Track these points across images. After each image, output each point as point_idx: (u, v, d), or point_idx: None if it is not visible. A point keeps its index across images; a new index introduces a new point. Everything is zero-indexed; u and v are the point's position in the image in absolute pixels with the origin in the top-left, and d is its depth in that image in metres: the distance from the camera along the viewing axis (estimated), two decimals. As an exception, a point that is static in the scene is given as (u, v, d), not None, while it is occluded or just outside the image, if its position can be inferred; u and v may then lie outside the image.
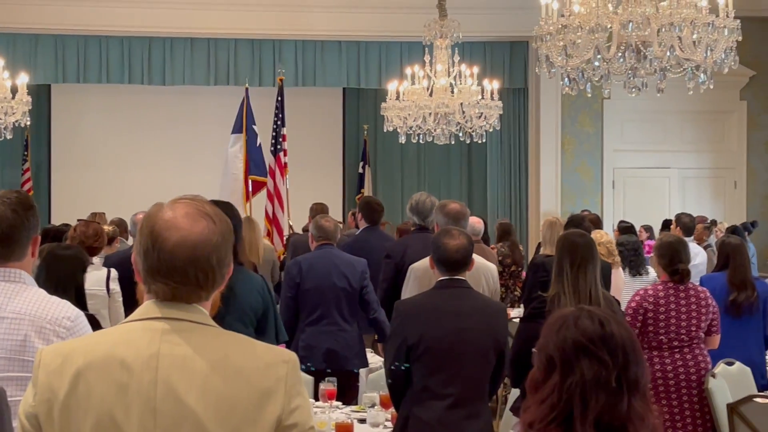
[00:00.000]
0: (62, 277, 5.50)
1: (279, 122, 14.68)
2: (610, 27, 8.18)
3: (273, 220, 13.90)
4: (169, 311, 2.59)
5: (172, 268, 2.56)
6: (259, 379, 2.55)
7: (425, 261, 6.64)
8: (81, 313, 3.86)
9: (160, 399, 2.51)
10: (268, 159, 14.51)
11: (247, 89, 14.70)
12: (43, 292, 3.94)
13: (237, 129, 14.51)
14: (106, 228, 9.32)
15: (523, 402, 2.72)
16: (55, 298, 3.93)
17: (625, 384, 2.58)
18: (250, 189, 14.15)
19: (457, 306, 5.58)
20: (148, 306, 2.62)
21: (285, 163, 14.43)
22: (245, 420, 2.51)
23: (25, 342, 3.61)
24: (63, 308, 3.83)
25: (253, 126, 14.44)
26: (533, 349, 2.73)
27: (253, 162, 14.33)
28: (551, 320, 2.73)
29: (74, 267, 5.61)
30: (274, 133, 14.65)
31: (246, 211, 13.28)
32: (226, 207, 4.79)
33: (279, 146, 14.51)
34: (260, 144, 14.52)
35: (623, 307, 7.36)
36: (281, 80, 15.03)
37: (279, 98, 14.86)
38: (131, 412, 2.50)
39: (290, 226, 14.04)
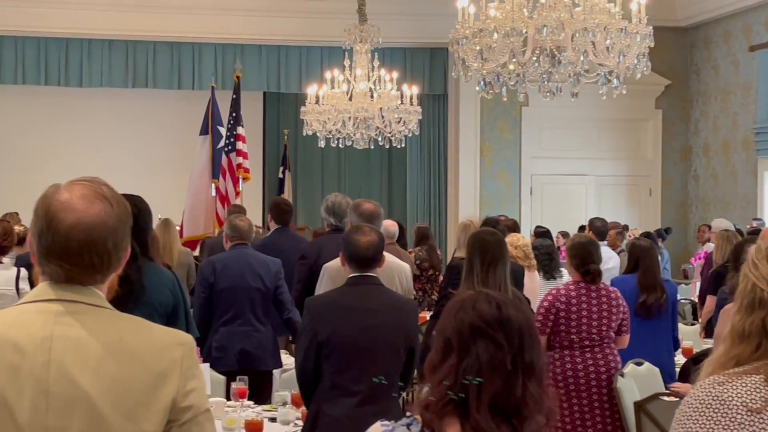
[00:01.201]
0: None
1: (233, 122, 14.26)
2: (525, 31, 8.25)
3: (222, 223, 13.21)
4: (63, 293, 2.55)
5: (67, 250, 2.53)
6: (154, 361, 2.53)
7: (338, 260, 6.66)
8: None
9: (53, 381, 2.48)
10: (224, 160, 14.09)
11: (213, 88, 14.50)
12: None
13: (203, 131, 14.33)
14: (17, 228, 9.21)
15: (420, 384, 2.73)
16: None
17: (520, 367, 2.59)
18: (214, 194, 13.82)
19: (367, 302, 5.58)
20: (42, 288, 2.58)
21: (239, 165, 14.00)
22: (140, 402, 2.49)
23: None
24: None
25: (219, 127, 14.14)
26: (432, 332, 2.74)
27: (215, 165, 14.03)
28: (450, 304, 2.74)
29: None
30: (228, 133, 14.19)
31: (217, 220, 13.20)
32: (136, 199, 4.76)
33: (231, 147, 14.09)
34: (222, 146, 14.16)
35: (536, 308, 7.43)
36: (238, 77, 14.62)
37: (234, 96, 14.47)
38: (23, 394, 2.47)
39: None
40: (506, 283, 6.19)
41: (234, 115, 14.23)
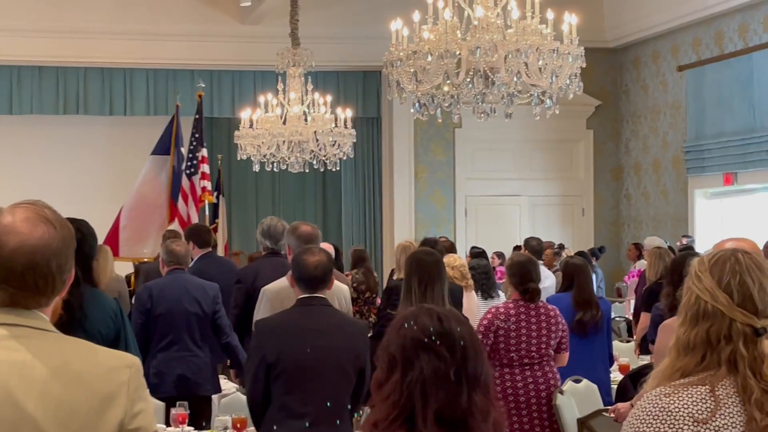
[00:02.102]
0: None
1: (195, 143, 13.65)
2: (459, 53, 8.31)
3: None
4: (7, 317, 2.53)
5: (10, 273, 2.51)
6: (101, 384, 2.51)
7: (278, 283, 6.63)
8: None
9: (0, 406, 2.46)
10: (185, 183, 13.35)
11: (178, 107, 13.93)
12: None
13: (160, 150, 13.60)
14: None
15: (368, 402, 2.73)
16: None
17: (464, 378, 2.59)
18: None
19: (316, 323, 5.57)
20: None
21: (204, 188, 13.38)
22: (86, 425, 2.47)
23: None
24: None
25: (181, 148, 13.50)
26: (378, 351, 2.74)
27: (174, 187, 13.39)
28: (394, 321, 2.75)
29: None
30: (190, 155, 13.53)
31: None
32: (81, 224, 4.71)
33: (194, 169, 13.44)
34: (183, 168, 13.56)
35: (475, 326, 7.45)
36: (200, 96, 14.21)
37: (197, 116, 13.97)
38: None
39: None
40: (444, 302, 6.23)
41: (197, 136, 13.70)
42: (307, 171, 14.11)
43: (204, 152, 13.56)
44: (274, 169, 13.69)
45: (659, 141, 16.64)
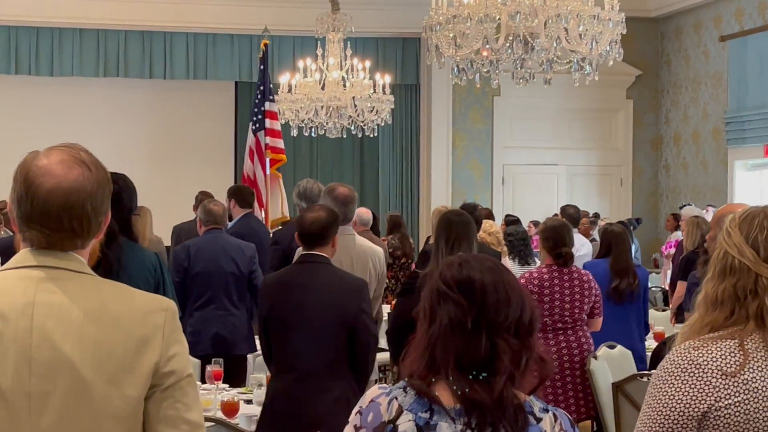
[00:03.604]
0: None
1: (261, 96, 12.90)
2: (499, 18, 8.27)
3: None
4: (44, 259, 2.56)
5: (46, 215, 2.53)
6: (137, 326, 2.54)
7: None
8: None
9: (36, 347, 2.48)
10: (250, 139, 12.83)
11: (265, 45, 13.35)
12: None
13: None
14: (-6, 212, 9.17)
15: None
16: None
17: (483, 326, 2.60)
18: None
19: (308, 280, 5.60)
20: (23, 254, 2.59)
21: (267, 145, 12.63)
22: (122, 367, 2.50)
23: None
24: None
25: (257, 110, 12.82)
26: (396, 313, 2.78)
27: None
28: (429, 274, 2.78)
29: None
30: (255, 109, 12.97)
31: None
32: (118, 176, 4.70)
33: (260, 125, 12.72)
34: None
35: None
36: (266, 44, 13.37)
37: (262, 67, 13.19)
38: (6, 360, 2.48)
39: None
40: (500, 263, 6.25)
41: (262, 88, 12.91)
42: (344, 137, 14.12)
43: (269, 106, 12.80)
44: (312, 135, 13.71)
45: (699, 112, 16.52)
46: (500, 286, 2.65)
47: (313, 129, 13.33)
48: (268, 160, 12.60)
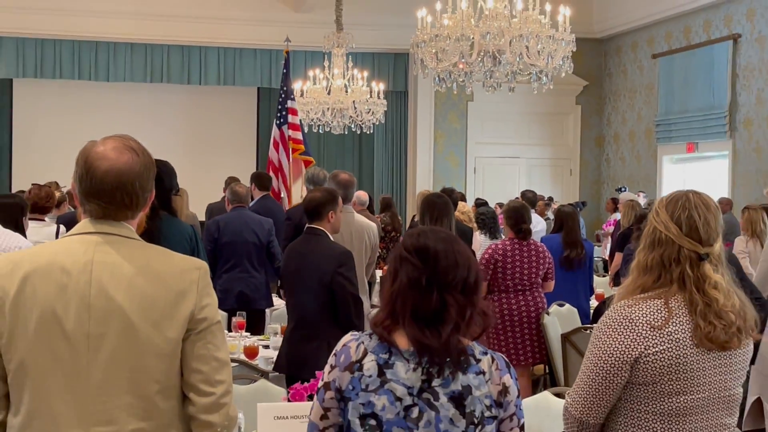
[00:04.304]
0: (7, 220, 5.35)
1: (284, 95, 12.75)
2: (472, 37, 8.27)
3: (276, 195, 11.71)
4: (101, 227, 2.58)
5: (102, 191, 2.55)
6: (176, 281, 2.55)
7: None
8: (30, 244, 3.82)
9: (94, 297, 2.50)
10: (275, 132, 12.67)
11: (287, 53, 13.08)
12: (1, 227, 3.90)
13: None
14: (57, 193, 9.15)
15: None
16: (10, 232, 3.89)
17: (435, 283, 2.60)
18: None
19: (305, 248, 5.63)
20: (83, 223, 2.61)
21: (289, 137, 12.43)
22: (164, 314, 2.51)
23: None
24: (15, 239, 3.81)
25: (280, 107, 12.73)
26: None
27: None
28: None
29: (15, 211, 5.47)
30: (279, 106, 12.77)
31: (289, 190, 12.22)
32: (159, 162, 4.68)
33: (283, 119, 12.55)
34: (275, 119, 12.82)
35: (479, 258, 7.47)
36: (287, 52, 13.09)
37: (285, 70, 12.96)
38: (70, 307, 2.49)
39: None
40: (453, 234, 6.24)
41: (285, 89, 12.74)
42: (346, 133, 14.12)
43: (291, 104, 12.65)
44: (320, 131, 13.69)
45: (635, 115, 16.53)
46: (450, 252, 2.64)
47: (320, 126, 13.32)
48: (293, 150, 12.47)
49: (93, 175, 2.56)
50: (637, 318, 2.92)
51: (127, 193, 2.57)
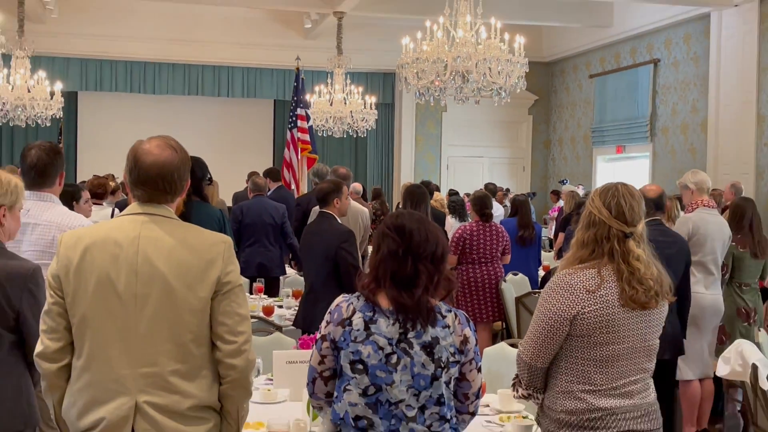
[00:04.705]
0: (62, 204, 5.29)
1: (294, 104, 12.94)
2: (446, 60, 8.22)
3: (287, 185, 11.94)
4: (146, 209, 2.58)
5: (148, 180, 2.55)
6: (206, 252, 2.54)
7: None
8: (90, 222, 3.80)
9: (140, 264, 2.50)
10: (287, 134, 12.93)
11: (298, 69, 13.28)
12: (65, 208, 3.87)
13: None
14: (112, 183, 9.11)
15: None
16: (75, 213, 3.87)
17: (409, 254, 2.60)
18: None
19: (315, 228, 5.62)
20: (133, 206, 2.61)
21: (298, 139, 12.70)
22: (196, 278, 2.51)
23: (53, 241, 3.54)
24: (78, 219, 3.78)
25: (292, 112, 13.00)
26: None
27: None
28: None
29: (68, 198, 5.40)
30: (290, 113, 13.02)
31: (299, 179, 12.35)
32: (195, 158, 4.65)
33: (293, 123, 12.83)
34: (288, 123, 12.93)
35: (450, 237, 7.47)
36: (298, 68, 13.25)
37: (295, 84, 13.12)
38: (121, 273, 2.49)
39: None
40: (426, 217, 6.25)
41: (295, 98, 12.98)
42: (345, 137, 14.03)
43: (300, 111, 12.82)
44: (324, 135, 13.63)
45: (575, 124, 16.53)
46: (422, 230, 2.65)
47: (324, 131, 13.26)
48: (302, 150, 12.75)
49: (140, 168, 2.55)
50: (576, 283, 2.92)
51: (168, 182, 2.56)
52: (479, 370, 2.70)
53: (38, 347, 2.56)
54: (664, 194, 5.47)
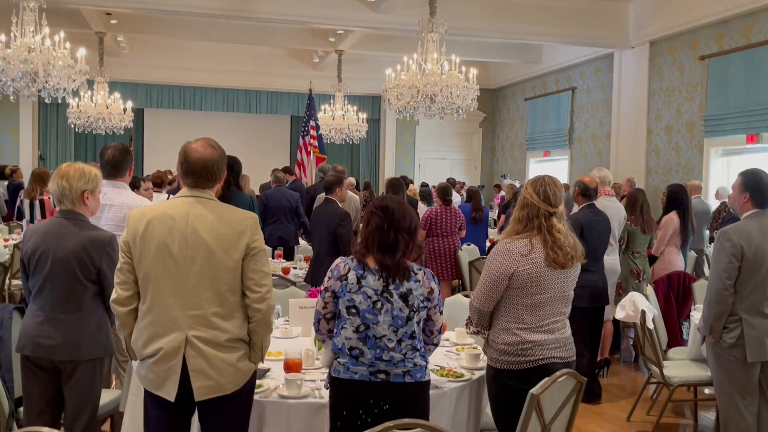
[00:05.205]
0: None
1: (307, 117, 12.88)
2: (419, 86, 8.17)
3: (299, 179, 11.98)
4: (193, 192, 2.54)
5: (194, 171, 2.52)
6: (238, 225, 2.51)
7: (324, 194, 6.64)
8: (150, 203, 3.76)
9: (189, 234, 2.46)
10: (300, 141, 12.95)
11: (310, 90, 13.33)
12: (134, 193, 3.83)
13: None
14: (169, 176, 9.02)
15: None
16: (139, 196, 3.82)
17: (392, 228, 2.59)
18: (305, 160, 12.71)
19: (321, 210, 5.60)
20: (183, 191, 2.57)
21: (309, 143, 12.66)
22: (231, 245, 2.48)
23: (124, 218, 3.50)
24: (143, 201, 3.74)
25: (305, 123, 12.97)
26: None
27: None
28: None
29: (131, 184, 5.31)
30: (304, 124, 12.97)
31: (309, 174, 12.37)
32: (232, 157, 4.60)
33: (305, 132, 12.83)
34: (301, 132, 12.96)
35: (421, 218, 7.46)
36: (310, 90, 13.40)
37: (308, 101, 13.13)
38: (174, 240, 2.46)
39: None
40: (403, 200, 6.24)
41: (308, 113, 12.96)
42: (343, 143, 14.03)
43: (312, 123, 12.83)
44: (327, 142, 13.55)
45: (513, 135, 16.48)
46: (401, 209, 2.63)
47: (327, 139, 13.18)
48: (312, 152, 12.77)
49: (189, 162, 2.51)
50: (513, 249, 2.92)
51: (209, 173, 2.53)
52: (441, 313, 2.69)
53: (113, 295, 2.54)
54: (598, 185, 5.52)
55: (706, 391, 5.24)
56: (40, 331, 2.97)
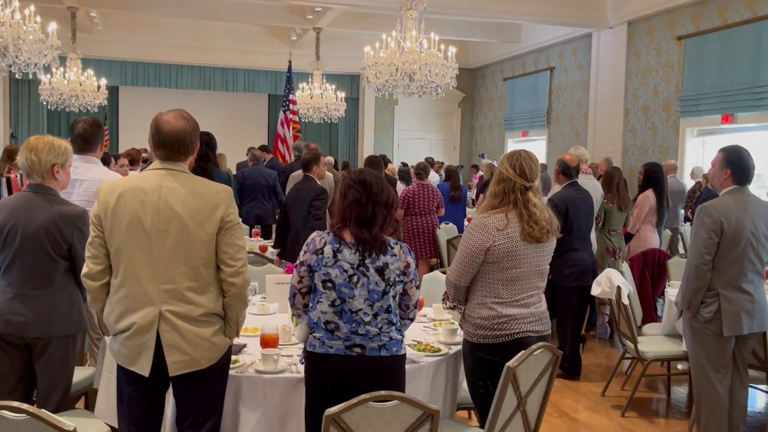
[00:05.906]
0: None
1: (287, 90, 12.71)
2: (397, 64, 8.10)
3: (282, 157, 12.09)
4: (165, 165, 2.50)
5: (166, 143, 2.47)
6: (212, 198, 2.48)
7: (300, 171, 6.59)
8: (120, 177, 3.70)
9: (162, 207, 2.42)
10: (281, 115, 12.78)
11: (290, 62, 13.10)
12: (105, 168, 3.76)
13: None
14: (144, 154, 8.89)
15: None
16: (111, 171, 3.76)
17: (370, 201, 2.57)
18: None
19: (299, 186, 5.58)
20: (155, 163, 2.52)
21: (290, 119, 12.53)
22: (204, 218, 2.45)
23: (96, 192, 3.42)
24: (115, 176, 3.68)
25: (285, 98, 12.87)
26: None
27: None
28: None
29: (102, 159, 5.23)
30: (284, 98, 12.84)
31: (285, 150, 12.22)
32: (207, 133, 4.56)
33: (287, 106, 12.70)
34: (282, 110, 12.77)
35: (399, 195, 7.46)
36: (290, 62, 13.25)
37: (288, 74, 12.93)
38: (147, 213, 2.42)
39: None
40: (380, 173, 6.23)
41: (288, 86, 12.81)
42: (321, 122, 13.92)
43: (291, 96, 12.69)
44: (306, 121, 13.45)
45: (492, 115, 16.49)
46: (378, 183, 2.61)
47: (306, 118, 13.06)
48: (292, 128, 12.65)
49: (160, 134, 2.47)
50: (489, 224, 2.92)
51: (182, 145, 2.48)
52: (418, 287, 2.69)
53: (84, 269, 2.50)
54: (579, 163, 5.52)
55: (679, 366, 5.34)
56: (10, 307, 2.92)
